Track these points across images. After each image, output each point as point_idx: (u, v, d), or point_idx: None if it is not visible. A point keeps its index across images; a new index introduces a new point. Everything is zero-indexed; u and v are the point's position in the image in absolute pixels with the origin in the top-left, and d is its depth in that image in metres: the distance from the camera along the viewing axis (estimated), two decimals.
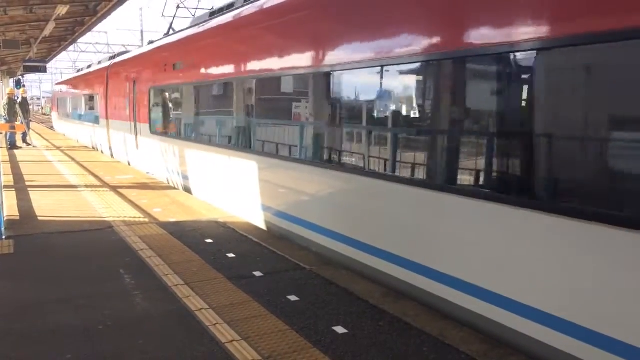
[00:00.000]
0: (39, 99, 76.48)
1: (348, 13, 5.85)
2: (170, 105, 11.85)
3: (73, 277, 5.47)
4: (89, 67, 23.43)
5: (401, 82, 5.26)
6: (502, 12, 4.01)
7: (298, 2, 6.94)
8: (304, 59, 6.52)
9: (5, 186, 10.84)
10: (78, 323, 4.35)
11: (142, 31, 39.53)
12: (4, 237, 6.84)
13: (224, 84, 8.86)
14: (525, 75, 4.01)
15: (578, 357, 3.54)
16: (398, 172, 5.16)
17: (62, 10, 14.68)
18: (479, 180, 4.38)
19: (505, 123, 4.14)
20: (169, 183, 11.74)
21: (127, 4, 15.96)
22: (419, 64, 4.86)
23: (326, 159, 6.20)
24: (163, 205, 9.09)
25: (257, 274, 5.57)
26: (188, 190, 10.58)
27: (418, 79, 5.09)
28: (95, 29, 26.48)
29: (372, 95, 5.63)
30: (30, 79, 62.62)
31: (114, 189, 10.82)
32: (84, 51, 46.79)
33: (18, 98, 20.57)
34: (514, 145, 4.08)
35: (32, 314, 4.55)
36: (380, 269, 5.31)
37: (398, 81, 5.27)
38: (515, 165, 4.07)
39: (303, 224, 6.70)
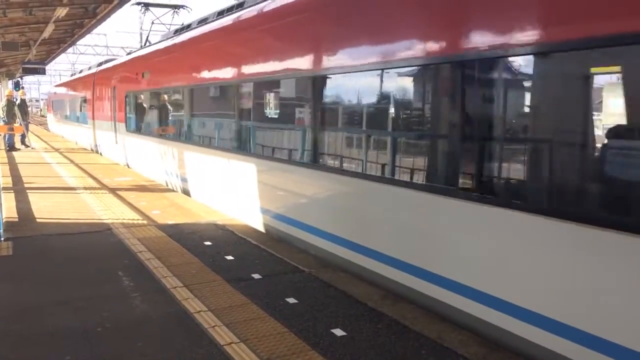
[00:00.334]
0: (37, 100, 76.32)
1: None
2: (140, 107, 14.03)
3: (72, 279, 5.48)
4: (80, 72, 25.55)
5: (362, 88, 5.80)
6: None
7: (212, 41, 9.55)
8: (229, 73, 8.50)
9: (4, 188, 10.84)
10: (77, 325, 4.35)
11: (141, 33, 39.53)
12: (2, 239, 6.84)
13: (176, 90, 11.27)
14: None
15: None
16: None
17: (62, 12, 14.69)
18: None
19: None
20: (136, 170, 14.18)
21: (127, 6, 16.21)
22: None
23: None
24: (162, 208, 9.09)
25: (256, 276, 5.58)
26: (150, 173, 13.24)
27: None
28: (95, 31, 26.59)
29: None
30: (29, 80, 62.58)
31: (113, 191, 10.82)
32: (83, 53, 46.83)
33: (17, 100, 20.56)
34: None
35: (31, 315, 4.55)
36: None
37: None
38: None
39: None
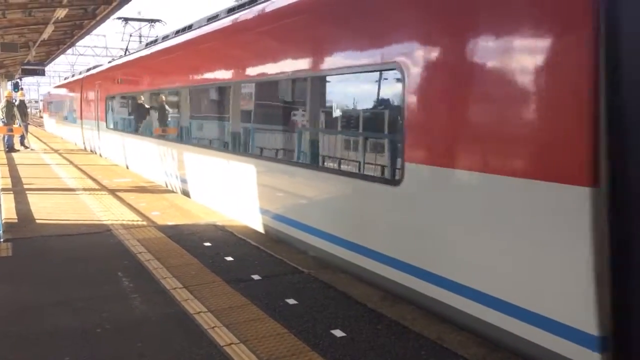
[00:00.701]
0: (36, 102, 76.14)
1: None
2: (117, 108, 16.48)
3: (71, 280, 5.48)
4: (73, 76, 28.39)
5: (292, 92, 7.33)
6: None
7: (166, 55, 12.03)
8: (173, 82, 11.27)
9: (4, 189, 10.85)
10: (76, 326, 4.35)
11: (140, 34, 39.52)
12: (2, 240, 6.84)
13: (138, 94, 14.04)
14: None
15: None
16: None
17: (61, 13, 14.68)
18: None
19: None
20: (114, 161, 16.61)
21: (126, 7, 16.36)
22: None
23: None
24: (161, 209, 9.09)
25: (256, 277, 5.58)
26: (119, 160, 16.10)
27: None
28: (94, 32, 26.62)
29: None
30: (28, 81, 62.43)
31: (112, 192, 10.82)
32: (83, 54, 46.78)
33: (16, 101, 20.55)
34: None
35: (30, 316, 4.55)
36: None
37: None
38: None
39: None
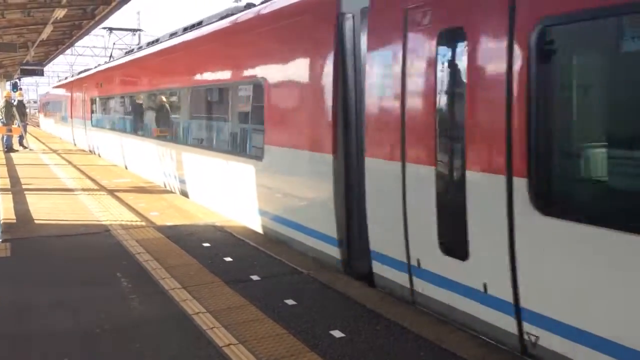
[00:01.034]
0: (35, 102, 76.06)
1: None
2: (100, 108, 19.02)
3: (70, 281, 5.47)
4: (66, 79, 31.17)
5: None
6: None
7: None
8: (134, 88, 14.80)
9: (2, 189, 10.84)
10: (75, 326, 4.34)
11: (140, 35, 39.51)
12: (0, 240, 6.83)
13: (114, 98, 17.01)
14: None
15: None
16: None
17: (60, 13, 14.65)
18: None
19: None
20: (96, 154, 19.45)
21: (125, 8, 16.31)
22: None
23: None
24: (160, 209, 9.09)
25: (255, 277, 5.57)
26: (99, 151, 19.22)
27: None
28: (93, 32, 26.58)
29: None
30: (26, 82, 62.29)
31: (111, 192, 10.81)
32: (82, 55, 46.69)
33: (14, 101, 20.54)
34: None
35: (29, 317, 4.54)
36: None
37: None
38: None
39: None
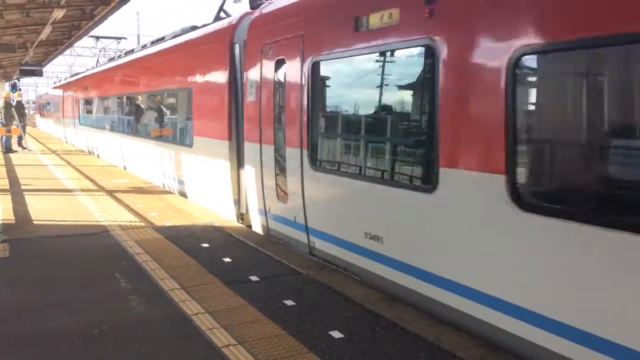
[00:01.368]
0: (34, 102, 76.06)
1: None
2: (86, 109, 21.75)
3: (68, 281, 5.46)
4: (59, 81, 34.77)
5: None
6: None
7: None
8: (107, 91, 17.92)
9: (1, 190, 10.83)
10: (74, 327, 4.33)
11: (139, 35, 39.57)
12: None
13: (96, 99, 19.55)
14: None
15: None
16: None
17: (59, 14, 14.63)
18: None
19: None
20: (84, 150, 21.77)
21: (124, 8, 16.29)
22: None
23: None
24: (159, 210, 9.08)
25: (254, 278, 5.57)
26: (89, 148, 21.50)
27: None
28: (92, 32, 26.57)
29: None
30: (26, 82, 62.27)
31: (110, 193, 10.80)
32: (81, 55, 46.60)
33: (13, 101, 20.54)
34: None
35: (28, 317, 4.53)
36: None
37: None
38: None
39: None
